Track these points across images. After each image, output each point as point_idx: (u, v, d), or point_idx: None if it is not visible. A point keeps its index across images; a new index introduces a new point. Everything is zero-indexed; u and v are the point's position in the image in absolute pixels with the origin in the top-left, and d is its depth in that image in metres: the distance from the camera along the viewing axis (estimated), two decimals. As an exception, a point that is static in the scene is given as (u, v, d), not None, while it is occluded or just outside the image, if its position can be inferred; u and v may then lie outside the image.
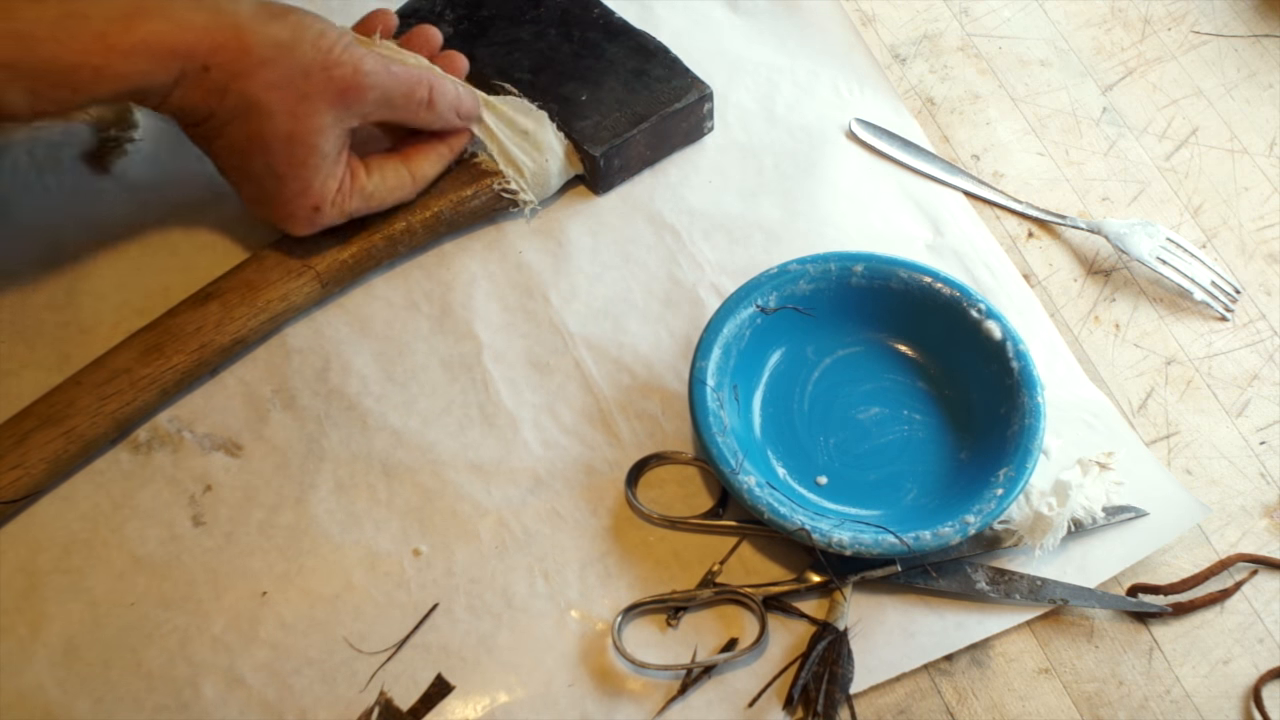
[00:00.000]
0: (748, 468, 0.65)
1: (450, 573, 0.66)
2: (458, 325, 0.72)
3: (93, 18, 0.61)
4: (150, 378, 0.67)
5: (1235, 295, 0.77)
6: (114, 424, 0.66)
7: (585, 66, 0.78)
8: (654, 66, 0.78)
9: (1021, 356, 0.68)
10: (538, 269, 0.75)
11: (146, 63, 0.62)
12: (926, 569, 0.66)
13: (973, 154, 0.82)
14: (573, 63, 0.78)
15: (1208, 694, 0.65)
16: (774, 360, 0.71)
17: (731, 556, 0.67)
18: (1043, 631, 0.66)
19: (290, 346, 0.71)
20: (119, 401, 0.66)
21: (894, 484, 0.68)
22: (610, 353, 0.72)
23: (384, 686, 0.63)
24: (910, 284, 0.71)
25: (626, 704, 0.63)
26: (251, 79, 0.64)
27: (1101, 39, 0.87)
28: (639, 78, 0.78)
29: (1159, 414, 0.73)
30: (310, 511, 0.67)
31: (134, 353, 0.67)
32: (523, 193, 0.75)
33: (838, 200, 0.78)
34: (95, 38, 0.60)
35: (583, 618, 0.65)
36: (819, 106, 0.82)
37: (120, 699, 0.61)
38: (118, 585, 0.64)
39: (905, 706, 0.64)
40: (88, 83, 0.61)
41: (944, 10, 0.88)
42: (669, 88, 0.77)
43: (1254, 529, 0.70)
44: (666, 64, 0.78)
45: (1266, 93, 0.85)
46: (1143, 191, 0.81)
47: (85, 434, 0.65)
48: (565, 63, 0.78)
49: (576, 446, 0.69)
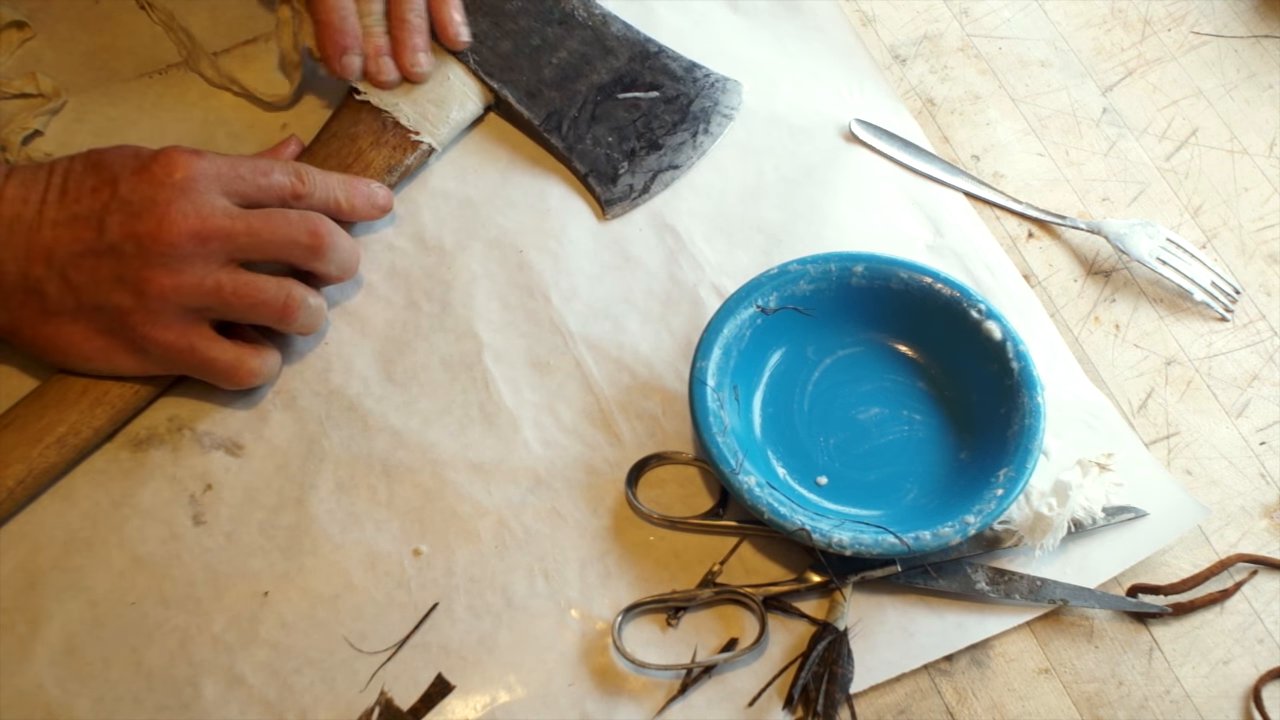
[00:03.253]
0: (748, 468, 0.65)
1: (450, 572, 0.66)
2: (458, 325, 0.72)
3: None
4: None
5: (1235, 295, 0.77)
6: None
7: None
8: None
9: (1021, 357, 0.68)
10: (538, 268, 0.75)
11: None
12: (926, 569, 0.66)
13: (973, 154, 0.82)
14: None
15: (1208, 694, 0.65)
16: (774, 360, 0.71)
17: (731, 556, 0.67)
18: (1043, 632, 0.66)
19: (291, 346, 0.71)
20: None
21: (894, 484, 0.68)
22: (611, 352, 0.72)
23: (384, 686, 0.63)
24: (910, 284, 0.71)
25: (626, 703, 0.63)
26: None
27: (1101, 39, 0.87)
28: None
29: (1159, 414, 0.73)
30: (311, 511, 0.67)
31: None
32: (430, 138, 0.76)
33: (838, 201, 0.78)
34: None
35: (583, 617, 0.65)
36: (819, 107, 0.82)
37: (120, 698, 0.61)
38: (118, 584, 0.64)
39: (905, 706, 0.64)
40: None
41: (944, 10, 0.88)
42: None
43: (1254, 529, 0.70)
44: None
45: (1266, 93, 0.86)
46: (1143, 192, 0.81)
47: None
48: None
49: (577, 446, 0.69)
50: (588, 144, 0.77)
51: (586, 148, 0.77)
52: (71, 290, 0.64)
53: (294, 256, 0.67)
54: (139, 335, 0.64)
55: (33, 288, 0.64)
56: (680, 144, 0.78)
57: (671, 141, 0.78)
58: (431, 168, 0.77)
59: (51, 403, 0.66)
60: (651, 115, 0.78)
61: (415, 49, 0.76)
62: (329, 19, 0.74)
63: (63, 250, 0.63)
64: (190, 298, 0.64)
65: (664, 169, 0.77)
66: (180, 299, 0.64)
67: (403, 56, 0.76)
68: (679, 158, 0.78)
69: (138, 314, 0.64)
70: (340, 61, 0.75)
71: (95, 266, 0.63)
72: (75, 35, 0.80)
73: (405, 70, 0.76)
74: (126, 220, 0.63)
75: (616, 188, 0.76)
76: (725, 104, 0.80)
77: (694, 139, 0.78)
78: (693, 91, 0.80)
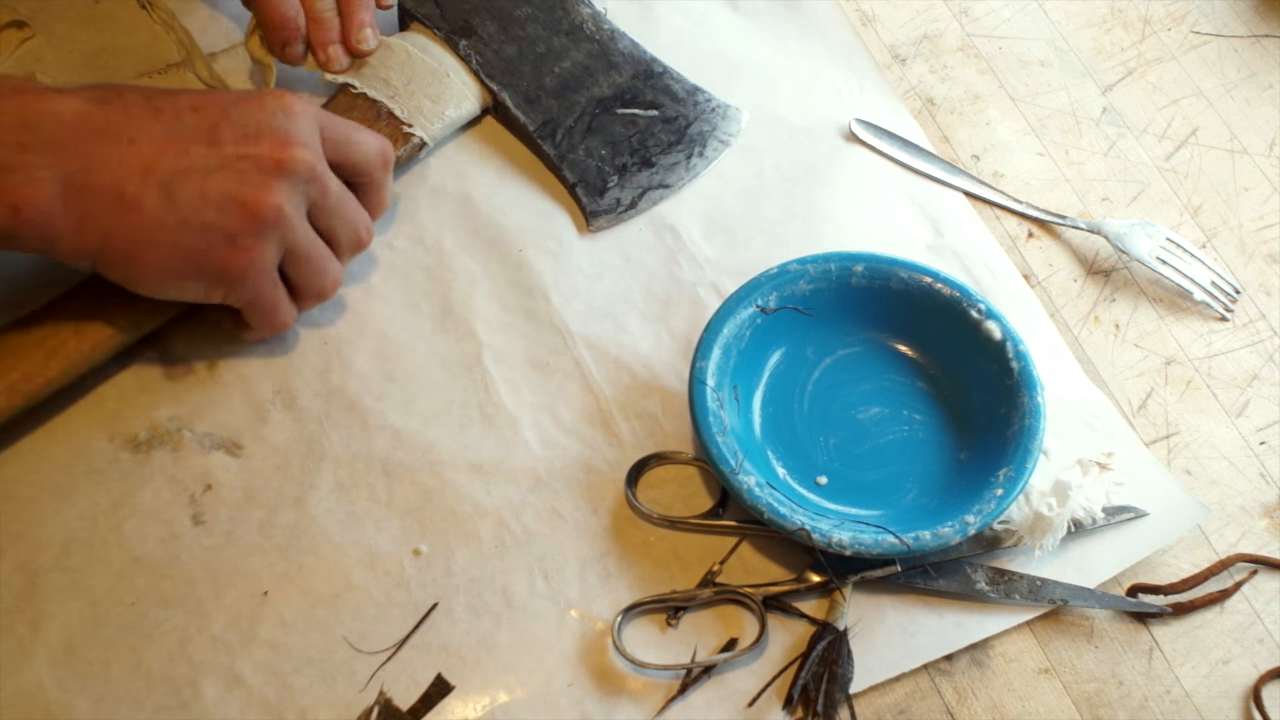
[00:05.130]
0: (748, 468, 0.65)
1: (450, 572, 0.66)
2: (458, 325, 0.72)
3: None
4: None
5: (1235, 295, 0.77)
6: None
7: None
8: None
9: (1021, 357, 0.68)
10: (538, 268, 0.75)
11: None
12: (926, 569, 0.66)
13: (973, 154, 0.82)
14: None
15: (1208, 694, 0.65)
16: (774, 360, 0.71)
17: (731, 556, 0.67)
18: (1043, 631, 0.66)
19: (290, 346, 0.71)
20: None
21: (894, 484, 0.68)
22: (610, 352, 0.72)
23: (384, 686, 0.63)
24: (910, 284, 0.71)
25: (626, 704, 0.63)
26: None
27: (1101, 39, 0.87)
28: None
29: (1159, 414, 0.73)
30: (310, 511, 0.67)
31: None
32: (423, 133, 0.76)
33: (837, 200, 0.78)
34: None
35: (583, 617, 0.65)
36: (819, 106, 0.82)
37: (120, 698, 0.61)
38: (117, 584, 0.64)
39: (905, 706, 0.64)
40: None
41: (944, 10, 0.88)
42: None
43: (1254, 529, 0.70)
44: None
45: (1266, 93, 0.86)
46: (1143, 191, 0.81)
47: None
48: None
49: (576, 446, 0.69)
50: (580, 154, 0.77)
51: (578, 158, 0.77)
52: (173, 206, 0.61)
53: (343, 242, 0.67)
54: (237, 261, 0.62)
55: (128, 203, 0.60)
56: (673, 164, 0.78)
57: (665, 161, 0.78)
58: (431, 166, 0.77)
59: (8, 349, 0.65)
60: (648, 133, 0.78)
61: (361, 25, 0.75)
62: (270, 14, 0.74)
63: (167, 165, 0.60)
64: (289, 232, 0.63)
65: (654, 187, 0.77)
66: (281, 230, 0.63)
67: (349, 34, 0.75)
68: (670, 177, 0.78)
69: (246, 237, 0.62)
70: (284, 52, 0.75)
71: (205, 183, 0.61)
72: (75, 35, 0.80)
73: (352, 49, 0.75)
74: (243, 140, 0.61)
75: (603, 200, 0.76)
76: (724, 130, 0.79)
77: (687, 160, 0.78)
78: (692, 114, 0.79)
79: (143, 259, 0.62)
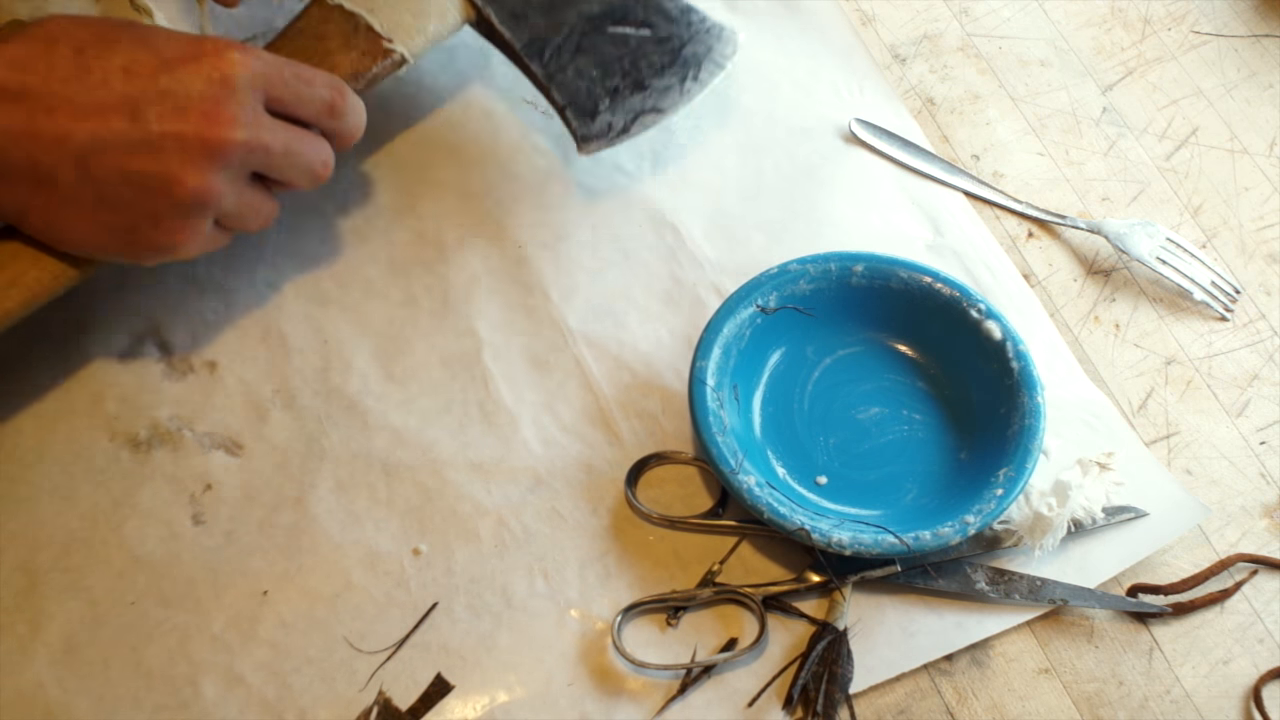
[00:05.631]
0: (748, 467, 0.65)
1: (450, 572, 0.66)
2: (458, 322, 0.72)
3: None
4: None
5: (1235, 295, 0.77)
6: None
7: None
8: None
9: (1021, 356, 0.68)
10: (538, 265, 0.74)
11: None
12: (926, 569, 0.66)
13: (973, 154, 0.82)
14: None
15: (1208, 694, 0.65)
16: (774, 360, 0.71)
17: (731, 556, 0.67)
18: (1043, 631, 0.66)
19: (290, 345, 0.71)
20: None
21: (894, 484, 0.68)
22: (610, 350, 0.72)
23: (383, 686, 0.63)
24: (910, 284, 0.71)
25: (626, 704, 0.63)
26: None
27: (1101, 39, 0.87)
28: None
29: (1159, 414, 0.73)
30: (310, 511, 0.67)
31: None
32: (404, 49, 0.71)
33: (837, 200, 0.78)
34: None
35: (582, 617, 0.65)
36: (819, 107, 0.82)
37: (120, 698, 0.61)
38: (117, 584, 0.64)
39: (905, 706, 0.64)
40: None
41: (944, 10, 0.88)
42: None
43: (1254, 529, 0.70)
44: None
45: (1266, 93, 0.85)
46: (1143, 191, 0.81)
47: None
48: None
49: (576, 445, 0.69)
50: (569, 75, 0.74)
51: (567, 79, 0.74)
52: (90, 182, 0.58)
53: (297, 181, 0.64)
54: (162, 239, 0.60)
55: (42, 176, 0.57)
56: (667, 88, 0.75)
57: (658, 84, 0.75)
58: (431, 162, 0.77)
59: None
60: (640, 54, 0.75)
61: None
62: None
63: (83, 137, 0.57)
64: (220, 202, 0.60)
65: (647, 110, 0.74)
66: (209, 206, 0.60)
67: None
68: (664, 101, 0.75)
69: (170, 219, 0.59)
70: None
71: (124, 161, 0.58)
72: (75, 34, 0.80)
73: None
74: (168, 115, 0.58)
75: (595, 124, 0.73)
76: (719, 52, 0.77)
77: (682, 85, 0.75)
78: (686, 35, 0.76)
79: (62, 230, 0.60)
